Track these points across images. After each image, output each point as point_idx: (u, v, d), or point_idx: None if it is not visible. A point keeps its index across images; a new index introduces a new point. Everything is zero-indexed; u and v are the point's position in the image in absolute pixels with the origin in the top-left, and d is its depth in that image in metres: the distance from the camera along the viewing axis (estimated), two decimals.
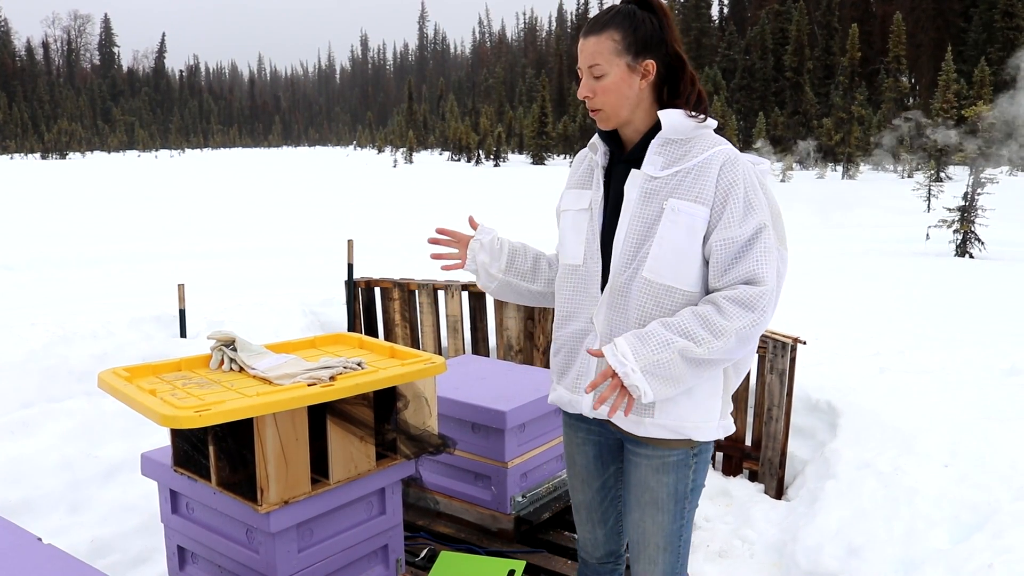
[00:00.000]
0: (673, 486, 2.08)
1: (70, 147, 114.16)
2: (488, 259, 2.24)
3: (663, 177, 1.96)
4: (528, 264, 2.28)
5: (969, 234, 17.21)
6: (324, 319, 6.15)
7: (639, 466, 2.11)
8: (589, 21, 2.03)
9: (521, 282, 2.27)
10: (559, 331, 2.17)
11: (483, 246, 2.24)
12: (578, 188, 2.17)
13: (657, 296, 1.96)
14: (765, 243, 1.92)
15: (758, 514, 3.73)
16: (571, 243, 2.13)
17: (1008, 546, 2.83)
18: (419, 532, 3.49)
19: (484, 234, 2.26)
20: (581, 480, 2.31)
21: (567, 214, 2.17)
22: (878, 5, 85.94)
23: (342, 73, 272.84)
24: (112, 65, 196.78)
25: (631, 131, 2.05)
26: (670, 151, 1.98)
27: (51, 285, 12.12)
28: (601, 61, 1.96)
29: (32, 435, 3.86)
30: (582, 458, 2.28)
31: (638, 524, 2.15)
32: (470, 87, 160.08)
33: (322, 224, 21.74)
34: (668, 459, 2.07)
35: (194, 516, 2.70)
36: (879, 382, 4.52)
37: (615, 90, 1.98)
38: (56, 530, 3.36)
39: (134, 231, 20.14)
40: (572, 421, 2.28)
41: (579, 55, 2.02)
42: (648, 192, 1.97)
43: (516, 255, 2.27)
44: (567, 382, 2.16)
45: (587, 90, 2.00)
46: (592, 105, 2.01)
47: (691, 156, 1.96)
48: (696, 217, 1.92)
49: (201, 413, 2.12)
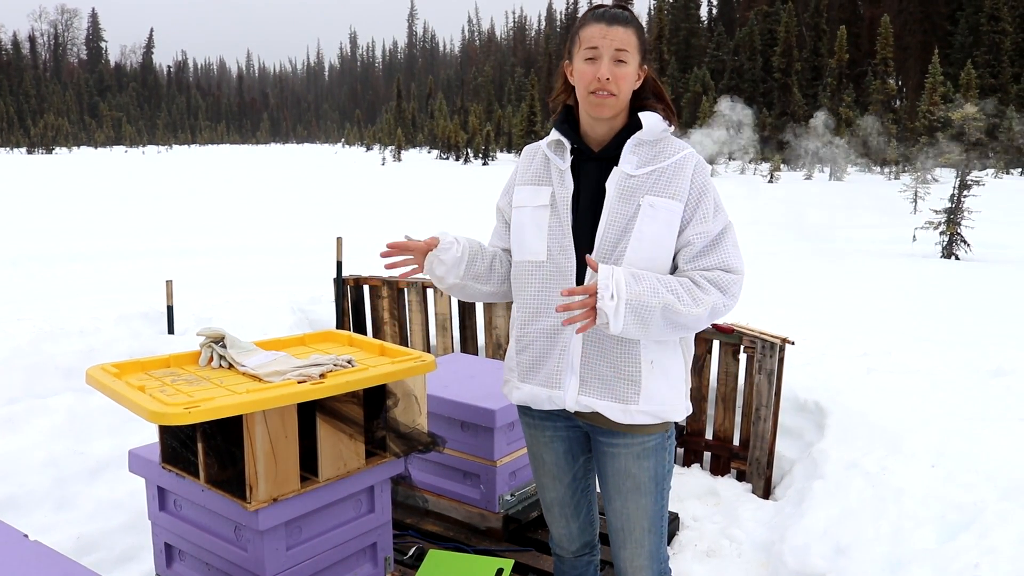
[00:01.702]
0: (653, 469, 2.17)
1: (56, 142, 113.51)
2: (444, 271, 2.16)
3: (639, 175, 2.07)
4: (484, 265, 2.24)
5: (955, 236, 17.31)
6: (312, 317, 6.12)
7: (617, 456, 2.17)
8: (608, 11, 2.07)
9: (475, 283, 2.23)
10: (526, 328, 2.18)
11: (442, 263, 2.14)
12: (533, 184, 2.19)
13: None
14: (733, 238, 2.10)
15: (746, 514, 3.74)
16: (532, 239, 2.15)
17: (994, 546, 2.85)
18: (407, 530, 3.48)
19: (445, 252, 2.14)
20: (552, 477, 2.34)
21: (523, 210, 2.18)
22: (866, 7, 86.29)
23: (331, 70, 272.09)
24: (99, 60, 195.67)
25: (606, 128, 2.12)
26: (643, 151, 2.09)
27: (37, 281, 12.03)
28: (629, 50, 2.04)
29: (18, 431, 3.84)
30: (551, 455, 2.31)
31: (621, 511, 2.20)
32: (459, 85, 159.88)
33: (310, 221, 21.67)
34: (647, 444, 2.15)
35: (182, 513, 2.69)
36: (866, 382, 4.54)
37: (629, 81, 2.07)
38: (42, 527, 3.34)
39: (121, 227, 20.02)
40: (536, 420, 2.29)
41: (599, 39, 2.03)
42: (626, 189, 2.06)
43: (475, 258, 2.21)
44: (541, 378, 2.17)
45: (609, 72, 2.02)
46: (609, 88, 2.03)
47: (663, 157, 2.09)
48: (673, 212, 2.04)
49: (190, 410, 2.11)
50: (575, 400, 2.12)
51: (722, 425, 4.32)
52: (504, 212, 2.29)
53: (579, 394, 2.11)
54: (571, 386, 2.11)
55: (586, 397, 2.10)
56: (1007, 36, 66.97)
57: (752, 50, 75.98)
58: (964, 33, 71.45)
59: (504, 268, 2.28)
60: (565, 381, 2.12)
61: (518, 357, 2.22)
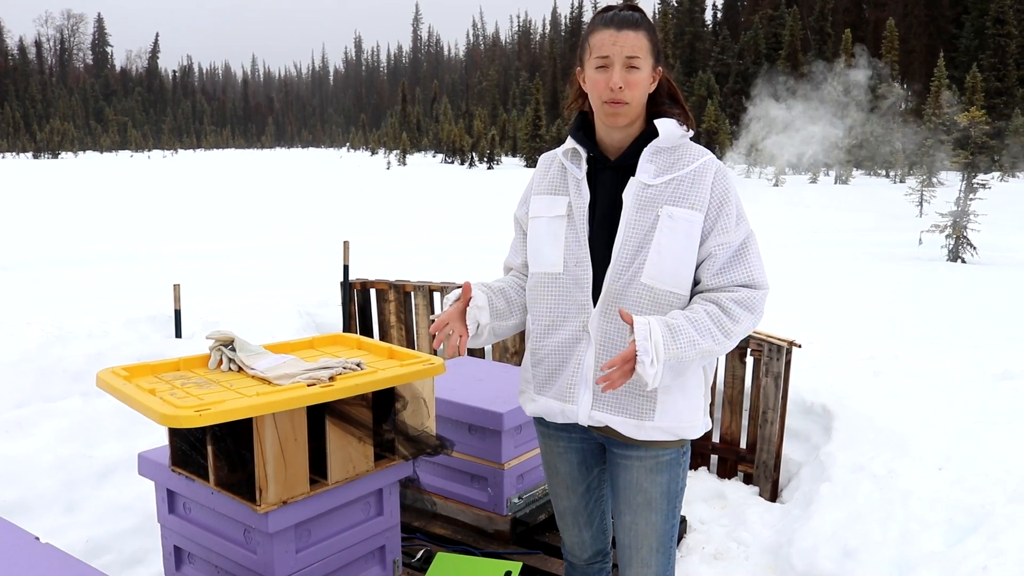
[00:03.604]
0: (666, 485, 2.11)
1: (62, 147, 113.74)
2: (488, 317, 2.11)
3: (657, 185, 2.00)
4: (502, 302, 2.17)
5: (961, 239, 17.27)
6: (319, 320, 6.14)
7: (630, 468, 2.11)
8: (618, 15, 2.00)
9: (499, 322, 2.16)
10: (541, 341, 2.13)
11: (481, 309, 2.09)
12: (549, 194, 2.14)
13: (657, 300, 1.98)
14: (756, 249, 2.03)
15: (753, 516, 3.74)
16: (549, 250, 2.09)
17: (1002, 548, 2.85)
18: (416, 533, 3.49)
19: (479, 298, 2.10)
20: (566, 487, 2.30)
21: (539, 220, 2.13)
22: (871, 11, 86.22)
23: (336, 75, 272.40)
24: (105, 65, 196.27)
25: (623, 136, 2.06)
26: (661, 159, 2.03)
27: (46, 285, 12.07)
28: (641, 55, 1.98)
29: (27, 435, 3.85)
30: (565, 465, 2.27)
31: (630, 527, 2.14)
32: (464, 89, 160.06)
33: (317, 225, 21.72)
34: (662, 459, 2.09)
35: (191, 516, 2.70)
36: (873, 385, 4.54)
37: (643, 87, 2.01)
38: (51, 530, 3.35)
39: (128, 231, 20.09)
40: (551, 431, 2.25)
41: (609, 46, 1.97)
42: (644, 200, 2.00)
43: (492, 300, 2.14)
44: (555, 391, 2.12)
45: (621, 80, 1.96)
46: (622, 97, 1.97)
47: (681, 164, 2.02)
48: (693, 223, 1.97)
49: (201, 413, 2.11)
50: (588, 415, 2.07)
51: (729, 428, 4.31)
52: (521, 222, 2.24)
53: (592, 409, 2.06)
54: (584, 400, 2.06)
55: (599, 412, 2.05)
56: (1012, 39, 66.88)
57: (757, 53, 75.94)
58: (969, 36, 71.36)
59: (520, 297, 2.22)
60: (578, 395, 2.07)
61: (533, 370, 2.17)
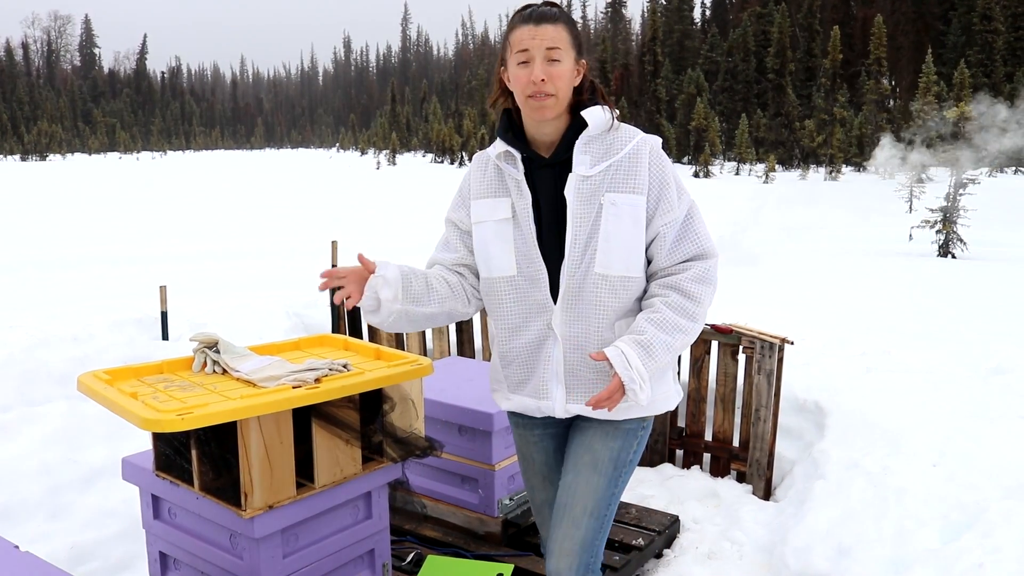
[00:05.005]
0: (617, 451, 2.13)
1: (50, 149, 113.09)
2: (392, 294, 2.05)
3: (595, 175, 2.02)
4: (420, 285, 2.11)
5: (951, 234, 17.32)
6: (308, 321, 6.09)
7: (586, 430, 2.15)
8: (536, 10, 2.03)
9: (415, 307, 2.09)
10: (508, 344, 2.15)
11: (387, 281, 2.04)
12: (491, 196, 2.13)
13: (613, 288, 2.02)
14: (699, 217, 2.09)
15: (747, 515, 3.72)
16: (498, 255, 2.10)
17: (998, 545, 2.83)
18: (406, 536, 3.45)
19: (386, 269, 2.06)
20: (542, 478, 2.32)
21: (484, 225, 2.12)
22: (859, 8, 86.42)
23: (325, 75, 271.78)
24: (93, 66, 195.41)
25: (552, 130, 2.07)
26: (594, 148, 2.04)
27: (30, 288, 11.98)
28: (561, 46, 1.99)
29: (10, 440, 3.79)
30: (541, 454, 2.30)
31: (570, 486, 2.14)
32: (453, 89, 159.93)
33: (306, 226, 21.64)
34: (620, 425, 2.13)
35: (176, 521, 2.65)
36: (866, 382, 4.52)
37: (567, 78, 2.02)
38: (35, 537, 3.30)
39: (115, 233, 19.97)
40: (524, 422, 2.29)
41: (528, 40, 1.99)
42: (585, 192, 2.02)
43: (409, 279, 2.09)
44: (529, 390, 2.16)
45: (543, 73, 1.97)
46: (546, 90, 1.98)
47: (615, 149, 2.04)
48: (637, 207, 2.01)
49: (183, 416, 2.07)
50: (564, 408, 2.12)
51: (721, 426, 4.29)
52: (460, 225, 2.20)
53: (567, 402, 2.11)
54: (558, 396, 2.11)
55: (574, 404, 2.11)
56: (999, 35, 67.16)
57: (746, 51, 76.03)
58: (957, 33, 71.62)
59: (443, 288, 2.15)
60: (552, 391, 2.11)
61: (504, 371, 2.20)
